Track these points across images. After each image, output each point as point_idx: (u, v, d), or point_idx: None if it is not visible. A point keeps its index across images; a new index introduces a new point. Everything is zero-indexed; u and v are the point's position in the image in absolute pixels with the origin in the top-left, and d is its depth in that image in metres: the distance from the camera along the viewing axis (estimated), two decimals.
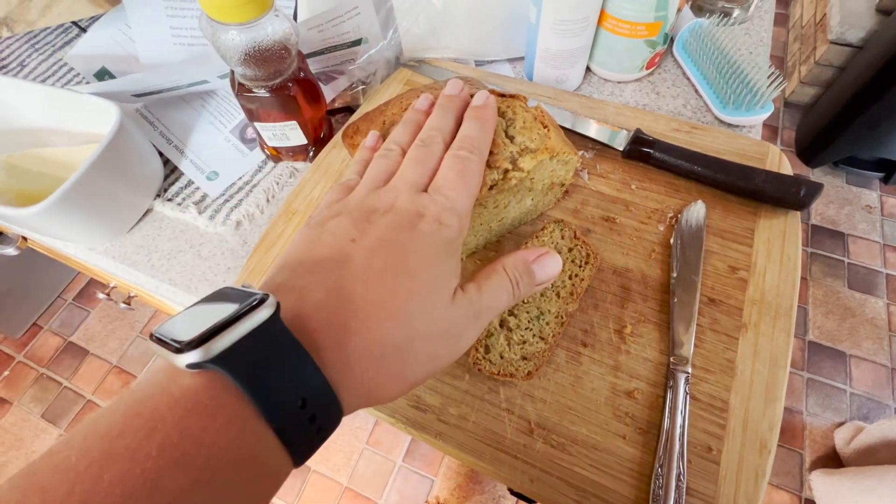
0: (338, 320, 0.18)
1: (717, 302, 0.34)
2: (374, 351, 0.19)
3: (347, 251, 0.20)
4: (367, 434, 1.32)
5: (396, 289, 0.20)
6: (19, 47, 0.57)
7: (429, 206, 0.22)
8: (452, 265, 0.22)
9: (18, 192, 0.42)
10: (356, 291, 0.19)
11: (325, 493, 1.24)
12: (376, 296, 0.19)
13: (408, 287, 0.20)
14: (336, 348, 0.18)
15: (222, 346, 0.15)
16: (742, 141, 0.40)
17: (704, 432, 0.29)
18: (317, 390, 0.17)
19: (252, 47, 0.34)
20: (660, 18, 0.41)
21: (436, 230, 0.21)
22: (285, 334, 0.17)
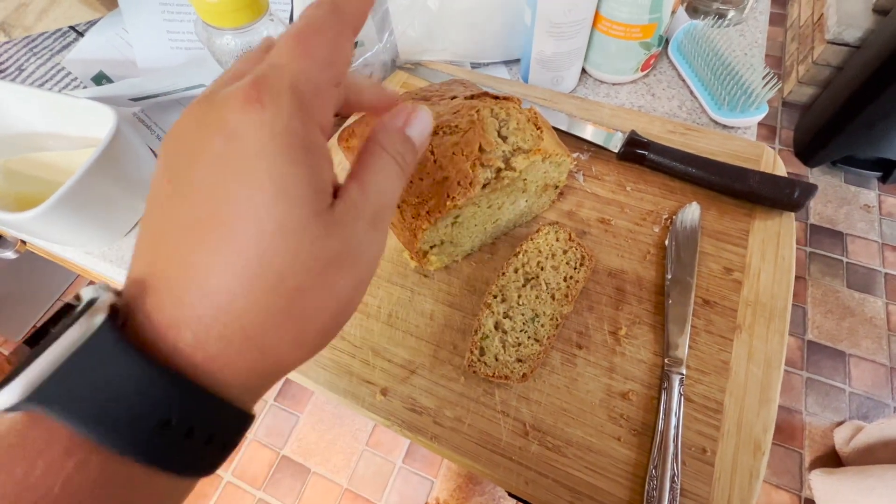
0: (186, 306, 0.14)
1: (711, 303, 0.34)
2: (248, 333, 0.14)
3: (166, 209, 0.15)
4: (366, 435, 1.32)
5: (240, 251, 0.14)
6: (17, 52, 0.57)
7: (244, 82, 0.15)
8: (306, 168, 0.15)
9: (16, 197, 0.42)
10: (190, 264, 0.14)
11: (326, 495, 1.24)
12: (216, 263, 0.14)
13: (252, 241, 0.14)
14: (197, 343, 0.14)
15: (39, 377, 0.12)
16: (737, 142, 0.40)
17: (699, 434, 0.29)
18: (182, 402, 0.14)
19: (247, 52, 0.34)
20: (654, 20, 0.41)
21: (256, 120, 0.14)
22: (120, 347, 0.13)
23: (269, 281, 0.14)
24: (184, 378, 0.14)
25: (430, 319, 0.35)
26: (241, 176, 0.14)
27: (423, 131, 0.20)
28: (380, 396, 0.32)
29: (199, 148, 0.15)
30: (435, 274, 0.36)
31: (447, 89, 0.38)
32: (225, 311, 0.14)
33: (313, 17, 0.16)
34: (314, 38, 0.16)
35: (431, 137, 0.32)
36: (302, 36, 0.16)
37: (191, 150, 0.15)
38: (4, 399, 0.12)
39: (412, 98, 0.37)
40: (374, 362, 0.33)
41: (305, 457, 1.28)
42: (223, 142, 0.14)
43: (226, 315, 0.14)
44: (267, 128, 0.14)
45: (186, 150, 0.15)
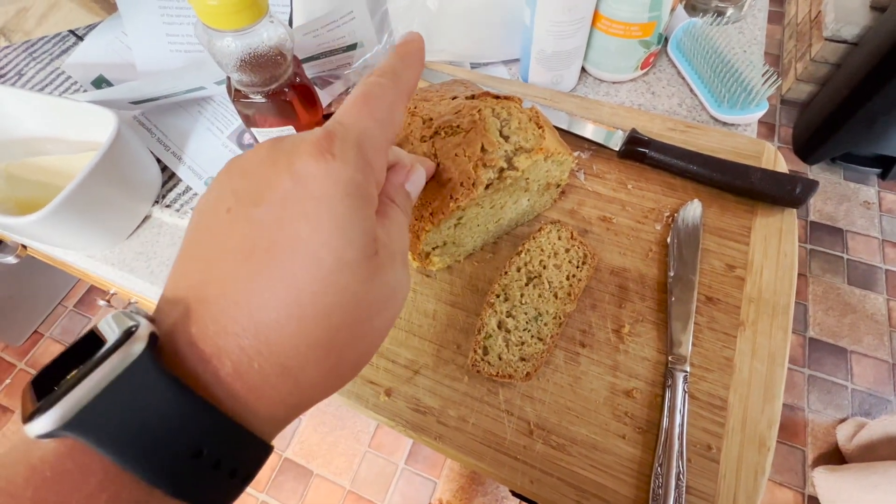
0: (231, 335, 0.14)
1: (714, 300, 0.34)
2: (287, 366, 0.15)
3: (224, 233, 0.16)
4: (368, 437, 1.32)
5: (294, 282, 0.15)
6: (17, 56, 0.58)
7: (314, 133, 0.16)
8: (361, 215, 0.16)
9: (17, 201, 0.42)
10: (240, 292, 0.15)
11: (329, 497, 1.23)
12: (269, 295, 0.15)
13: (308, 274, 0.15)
14: (237, 374, 0.14)
15: (76, 405, 0.12)
16: (737, 139, 0.40)
17: (704, 431, 0.29)
18: (216, 434, 0.14)
19: (247, 53, 0.34)
20: (653, 19, 0.41)
21: (325, 167, 0.15)
22: (160, 377, 0.13)
23: (318, 317, 0.15)
24: (220, 410, 0.14)
25: (433, 319, 0.35)
26: (305, 216, 0.15)
27: (418, 184, 0.23)
28: (384, 397, 0.32)
29: (265, 185, 0.16)
30: (437, 274, 0.36)
31: (447, 89, 0.38)
32: (269, 344, 0.15)
33: (376, 83, 0.19)
34: (377, 101, 0.18)
35: (434, 138, 0.32)
36: (367, 99, 0.18)
37: (257, 187, 0.16)
38: (41, 426, 0.12)
39: (413, 99, 0.37)
40: (377, 363, 0.33)
41: (308, 459, 1.28)
42: (291, 183, 0.15)
43: (269, 347, 0.15)
44: (334, 177, 0.16)
45: (252, 185, 0.16)
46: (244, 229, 0.15)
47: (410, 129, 0.33)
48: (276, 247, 0.15)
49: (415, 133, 0.33)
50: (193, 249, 0.17)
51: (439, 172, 0.30)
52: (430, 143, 0.32)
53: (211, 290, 0.15)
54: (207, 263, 0.16)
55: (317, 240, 0.15)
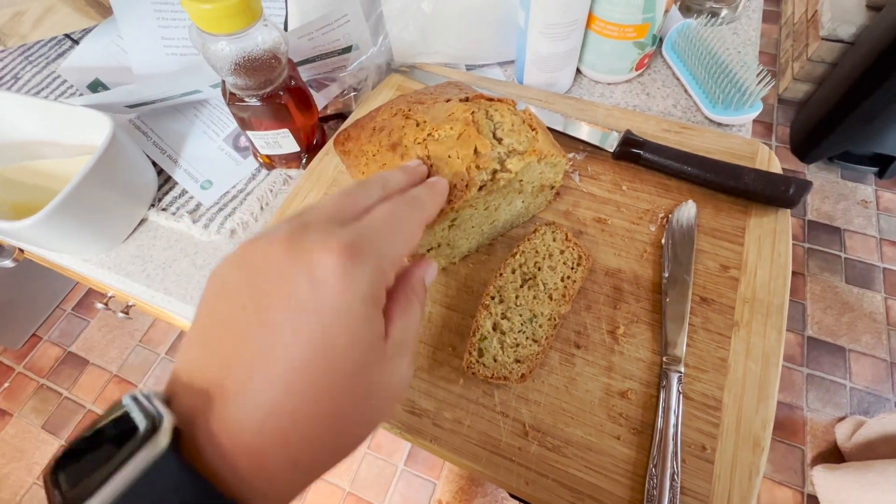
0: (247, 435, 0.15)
1: (708, 301, 0.34)
2: (300, 459, 0.16)
3: (240, 333, 0.16)
4: (368, 438, 1.31)
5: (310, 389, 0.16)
6: (13, 60, 0.58)
7: (339, 237, 0.17)
8: (375, 321, 0.18)
9: (13, 205, 0.42)
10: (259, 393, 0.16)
11: (329, 499, 1.23)
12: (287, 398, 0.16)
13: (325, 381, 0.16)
14: (253, 469, 0.15)
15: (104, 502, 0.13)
16: (732, 140, 0.40)
17: (698, 431, 0.29)
18: None
19: (242, 57, 0.34)
20: (647, 20, 0.41)
21: (344, 276, 0.16)
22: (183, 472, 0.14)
23: (331, 415, 0.16)
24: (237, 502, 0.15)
25: (428, 321, 0.35)
26: (322, 326, 0.16)
27: (432, 276, 0.24)
28: None
29: (284, 283, 0.17)
30: None
31: (441, 92, 0.38)
32: (286, 443, 0.16)
33: (405, 205, 0.21)
34: (401, 222, 0.20)
35: (427, 141, 0.32)
36: (393, 217, 0.20)
37: (274, 288, 0.17)
38: None
39: (407, 102, 0.37)
40: None
41: None
42: (310, 291, 0.16)
43: (285, 445, 0.16)
44: (352, 286, 0.17)
45: (269, 286, 0.17)
46: (260, 335, 0.16)
47: (404, 132, 0.33)
48: (294, 356, 0.16)
49: (408, 136, 0.33)
50: (209, 335, 0.17)
51: (433, 175, 0.31)
52: (424, 145, 0.32)
53: (230, 387, 0.16)
54: (226, 358, 0.16)
55: (334, 350, 0.16)
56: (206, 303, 0.18)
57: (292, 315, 0.16)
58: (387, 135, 0.34)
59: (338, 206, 0.20)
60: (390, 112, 0.36)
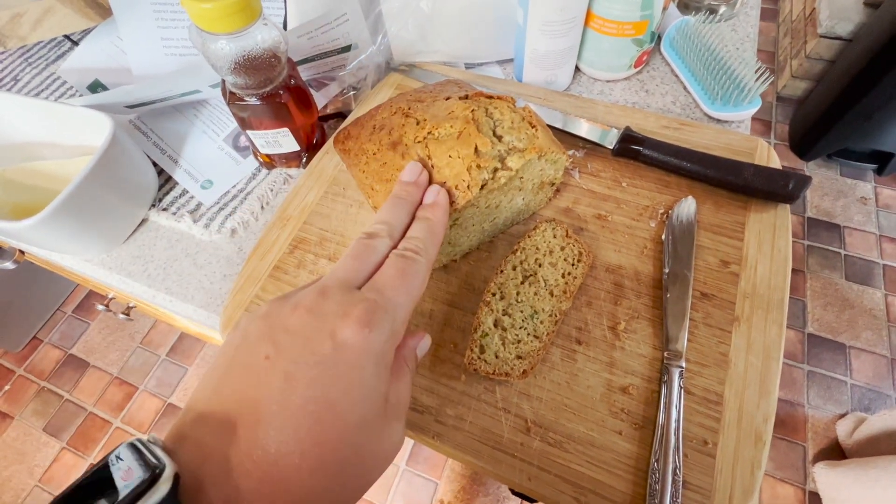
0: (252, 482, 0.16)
1: (709, 296, 0.34)
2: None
3: (260, 378, 0.18)
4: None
5: (319, 436, 0.17)
6: (12, 62, 0.58)
7: (357, 304, 0.19)
8: (383, 381, 0.20)
9: (14, 206, 0.42)
10: (270, 441, 0.16)
11: None
12: (295, 447, 0.16)
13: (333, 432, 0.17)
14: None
15: None
16: (731, 136, 0.41)
17: (700, 426, 0.29)
18: None
19: (242, 56, 0.34)
20: (646, 17, 0.41)
21: (362, 340, 0.19)
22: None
23: (334, 469, 0.17)
24: None
25: (430, 318, 0.35)
26: (339, 380, 0.18)
27: (425, 348, 0.26)
28: None
29: (307, 346, 0.18)
30: (434, 273, 0.37)
31: (441, 90, 0.38)
32: (288, 491, 0.16)
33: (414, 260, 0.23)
34: (412, 279, 0.22)
35: (428, 140, 0.32)
36: (405, 275, 0.22)
37: (299, 345, 0.18)
38: None
39: (406, 100, 0.37)
40: None
41: None
42: (332, 350, 0.18)
43: (287, 494, 0.16)
44: (369, 349, 0.19)
45: (294, 343, 0.19)
46: (279, 382, 0.18)
47: (404, 131, 0.33)
48: (309, 404, 0.17)
49: (409, 134, 0.33)
50: (226, 380, 0.19)
51: (435, 176, 0.31)
52: (424, 143, 0.32)
53: (242, 432, 0.17)
54: (240, 404, 0.17)
55: (346, 402, 0.18)
56: (227, 349, 0.20)
57: (312, 369, 0.18)
58: (387, 133, 0.34)
59: (351, 270, 0.22)
60: (390, 110, 0.36)
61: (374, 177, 0.34)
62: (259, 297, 0.37)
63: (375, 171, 0.34)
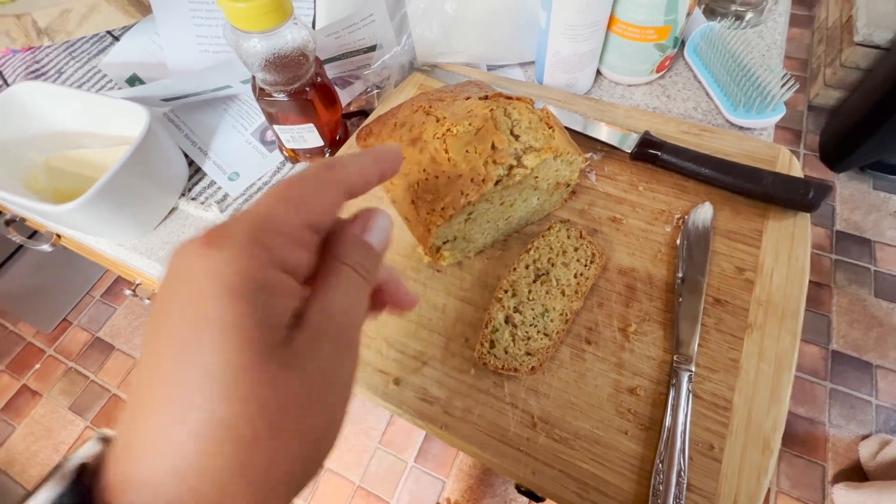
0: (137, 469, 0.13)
1: (722, 302, 0.34)
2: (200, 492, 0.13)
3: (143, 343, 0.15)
4: (379, 434, 1.33)
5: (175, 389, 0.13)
6: (57, 56, 0.61)
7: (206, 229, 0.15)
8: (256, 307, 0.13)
9: (56, 192, 0.45)
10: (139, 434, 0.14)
11: (339, 491, 1.25)
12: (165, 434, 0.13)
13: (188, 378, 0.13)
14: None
15: None
16: (752, 143, 0.40)
17: (707, 430, 0.30)
18: None
19: (272, 54, 0.36)
20: (669, 22, 0.42)
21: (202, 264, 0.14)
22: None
23: (220, 434, 0.13)
24: None
25: (443, 313, 0.36)
26: (191, 321, 0.13)
27: (384, 235, 0.19)
28: (392, 386, 0.33)
29: (161, 295, 0.14)
30: (448, 269, 0.37)
31: (461, 90, 0.39)
32: (176, 475, 0.13)
33: (304, 170, 0.17)
34: (295, 183, 0.16)
35: (446, 136, 0.33)
36: (284, 182, 0.16)
37: (157, 298, 0.14)
38: None
39: (428, 99, 0.38)
40: (387, 353, 0.34)
41: None
42: (178, 286, 0.14)
43: (177, 479, 0.13)
44: (213, 271, 0.13)
45: (157, 298, 0.14)
46: (146, 352, 0.14)
47: (424, 128, 0.34)
48: (166, 365, 0.13)
49: (428, 131, 0.34)
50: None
51: (451, 169, 0.31)
52: (443, 139, 0.33)
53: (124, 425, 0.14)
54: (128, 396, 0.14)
55: (203, 347, 0.13)
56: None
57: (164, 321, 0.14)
58: (407, 130, 0.35)
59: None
60: (411, 108, 0.37)
61: None
62: None
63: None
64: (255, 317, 0.13)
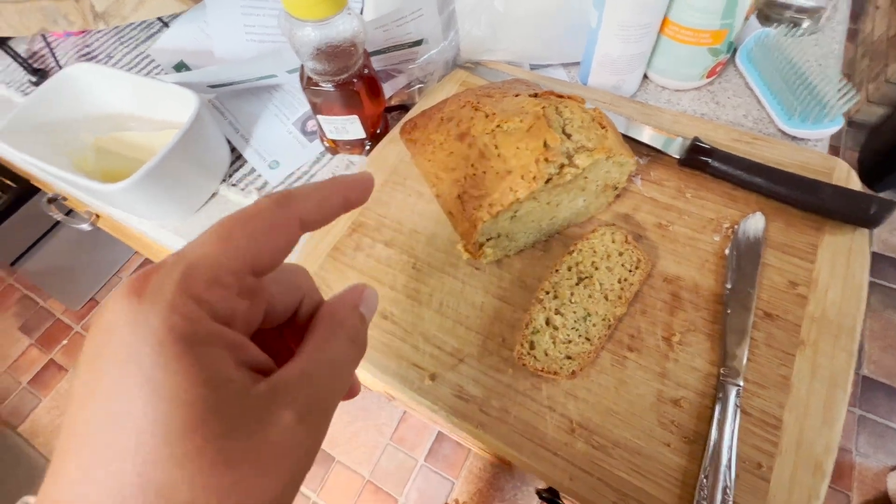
0: None
1: (773, 316, 0.33)
2: None
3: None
4: (391, 430, 1.33)
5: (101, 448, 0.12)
6: (108, 40, 0.63)
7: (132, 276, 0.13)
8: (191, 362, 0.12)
9: (103, 171, 0.46)
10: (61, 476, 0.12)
11: (348, 485, 1.26)
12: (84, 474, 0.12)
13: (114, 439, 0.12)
14: None
15: None
16: (807, 154, 0.39)
17: (754, 448, 0.28)
18: None
19: (325, 43, 0.36)
20: (726, 26, 0.40)
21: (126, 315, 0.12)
22: None
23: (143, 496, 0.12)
24: None
25: (480, 311, 0.35)
26: (116, 378, 0.12)
27: (373, 306, 0.18)
28: (428, 381, 0.33)
29: (86, 344, 0.13)
30: (486, 267, 0.37)
31: (510, 87, 0.39)
32: None
33: (254, 205, 0.15)
34: (239, 222, 0.14)
35: (496, 132, 0.32)
36: (228, 220, 0.14)
37: (84, 351, 0.13)
38: None
39: (475, 94, 0.38)
40: (423, 348, 0.34)
41: (330, 445, 1.31)
42: (101, 338, 0.13)
43: None
44: (140, 323, 0.12)
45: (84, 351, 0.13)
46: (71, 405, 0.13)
47: (473, 123, 0.34)
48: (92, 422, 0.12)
49: (477, 126, 0.34)
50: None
51: (501, 164, 0.31)
52: (493, 135, 0.32)
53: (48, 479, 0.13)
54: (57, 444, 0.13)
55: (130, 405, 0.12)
56: None
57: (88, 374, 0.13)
58: (455, 124, 0.35)
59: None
60: (458, 104, 0.37)
61: (440, 165, 0.35)
62: (317, 274, 0.38)
63: (441, 161, 0.34)
64: (192, 375, 0.12)
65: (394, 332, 0.35)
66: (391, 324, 0.35)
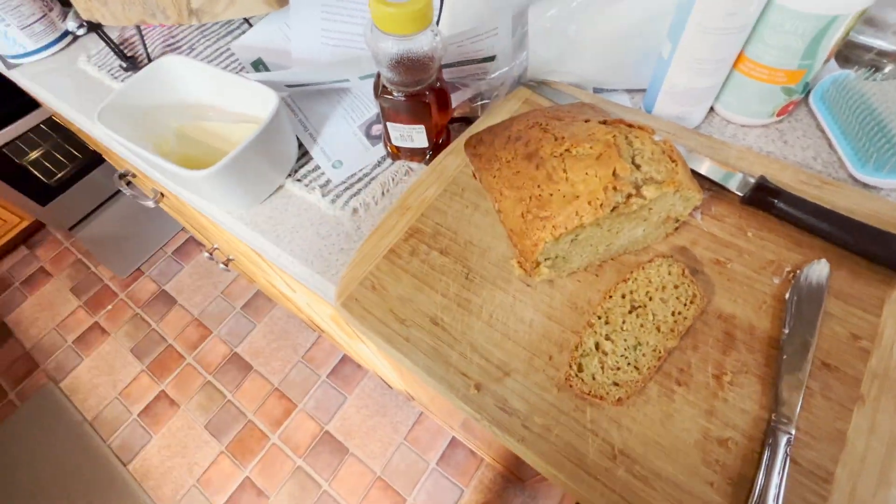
0: None
1: (831, 367, 0.32)
2: None
3: None
4: (406, 429, 1.34)
5: None
6: (191, 32, 0.67)
7: None
8: None
9: (182, 157, 0.49)
10: None
11: (359, 478, 1.28)
12: None
13: None
14: None
15: None
16: (880, 203, 0.38)
17: (802, 499, 0.28)
18: None
19: (404, 56, 0.37)
20: (804, 67, 0.40)
21: None
22: None
23: None
24: None
25: (529, 327, 0.36)
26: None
27: None
28: (473, 390, 0.34)
29: None
30: (538, 285, 0.38)
31: (578, 111, 0.39)
32: None
33: None
34: None
35: (565, 156, 0.33)
36: None
37: None
38: None
39: (544, 116, 0.38)
40: (471, 357, 0.35)
41: (346, 437, 1.33)
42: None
43: None
44: None
45: None
46: None
47: (541, 144, 0.35)
48: None
49: (546, 148, 0.35)
50: None
51: (568, 188, 0.32)
52: (561, 158, 0.33)
53: None
54: None
55: None
56: None
57: None
58: (523, 144, 0.36)
59: None
60: (526, 124, 0.38)
61: (505, 182, 0.36)
62: (373, 273, 0.40)
63: (507, 178, 0.35)
64: None
65: (443, 338, 0.36)
66: (441, 330, 0.36)
